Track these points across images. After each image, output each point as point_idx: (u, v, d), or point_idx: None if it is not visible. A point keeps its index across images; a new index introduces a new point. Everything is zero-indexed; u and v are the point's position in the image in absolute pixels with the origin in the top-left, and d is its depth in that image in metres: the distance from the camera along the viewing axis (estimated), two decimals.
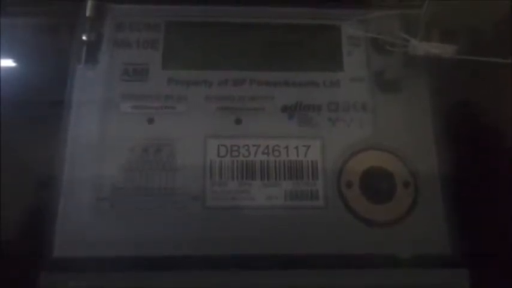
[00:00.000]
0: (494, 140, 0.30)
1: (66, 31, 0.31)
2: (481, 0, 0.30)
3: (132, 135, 0.28)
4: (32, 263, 0.25)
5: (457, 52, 0.27)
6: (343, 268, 0.26)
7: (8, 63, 0.31)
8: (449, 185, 0.28)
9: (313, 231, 0.27)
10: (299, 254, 0.26)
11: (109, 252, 0.26)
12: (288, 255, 0.26)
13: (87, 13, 0.30)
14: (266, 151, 0.28)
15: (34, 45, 0.32)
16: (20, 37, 0.32)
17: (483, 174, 0.29)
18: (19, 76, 0.31)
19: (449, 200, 0.27)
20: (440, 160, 0.28)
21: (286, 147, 0.28)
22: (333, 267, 0.26)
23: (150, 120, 0.28)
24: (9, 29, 0.31)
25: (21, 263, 0.26)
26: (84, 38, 0.30)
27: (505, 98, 0.30)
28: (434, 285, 0.26)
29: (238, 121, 0.29)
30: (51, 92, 0.30)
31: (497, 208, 0.28)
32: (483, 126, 0.31)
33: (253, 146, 0.28)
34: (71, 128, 0.28)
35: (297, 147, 0.28)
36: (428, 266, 0.26)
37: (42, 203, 0.27)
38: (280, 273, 0.26)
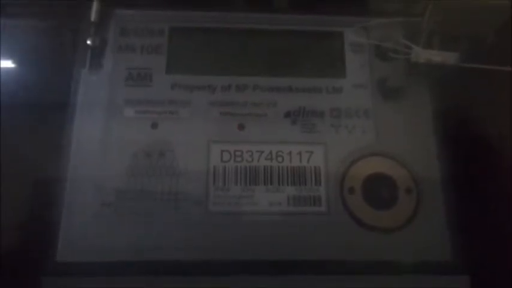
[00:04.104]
0: (497, 146, 0.31)
1: (67, 33, 0.31)
2: (482, 8, 0.30)
3: (135, 140, 0.28)
4: (35, 267, 0.25)
5: (459, 59, 0.27)
6: (345, 274, 0.26)
7: (9, 65, 0.31)
8: (451, 191, 0.28)
9: (316, 236, 0.27)
10: (301, 259, 0.26)
11: (112, 256, 0.26)
12: (291, 261, 0.26)
13: (92, 18, 0.30)
14: (269, 157, 0.28)
15: (35, 47, 0.32)
16: (21, 39, 0.32)
17: (485, 181, 0.29)
18: (19, 78, 0.31)
19: (451, 206, 0.27)
20: (442, 167, 0.28)
21: (289, 153, 0.28)
22: (335, 273, 0.26)
23: (154, 125, 0.29)
24: (10, 31, 0.31)
25: (24, 267, 0.26)
26: (88, 42, 0.30)
27: (506, 104, 0.30)
28: None
29: (241, 126, 0.29)
30: (52, 94, 0.30)
31: (499, 215, 0.28)
32: (485, 133, 0.31)
33: (257, 151, 0.28)
34: (74, 133, 0.28)
35: (299, 153, 0.28)
36: (429, 272, 0.26)
37: (45, 208, 0.27)
38: (283, 279, 0.26)
